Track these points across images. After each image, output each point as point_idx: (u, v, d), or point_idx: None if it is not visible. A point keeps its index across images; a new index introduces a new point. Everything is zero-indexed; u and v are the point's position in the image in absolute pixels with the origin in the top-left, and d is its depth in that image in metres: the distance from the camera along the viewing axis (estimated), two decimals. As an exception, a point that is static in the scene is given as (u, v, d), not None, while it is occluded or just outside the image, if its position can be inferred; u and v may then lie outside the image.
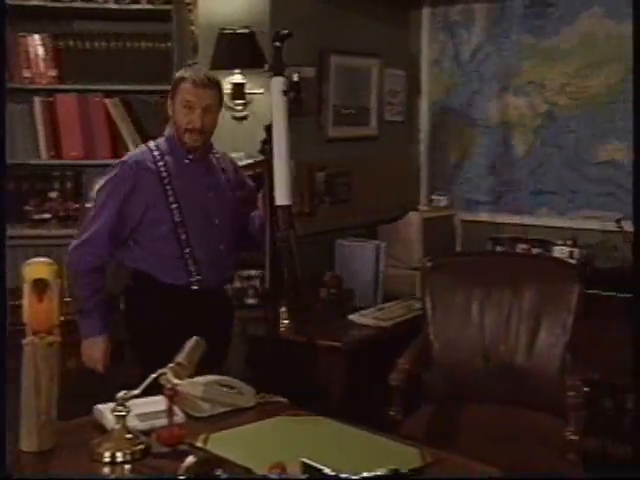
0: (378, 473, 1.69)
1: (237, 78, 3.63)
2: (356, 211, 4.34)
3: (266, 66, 3.43)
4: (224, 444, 1.94)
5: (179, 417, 2.03)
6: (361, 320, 3.57)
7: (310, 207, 3.99)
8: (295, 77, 2.36)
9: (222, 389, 2.22)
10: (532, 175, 4.39)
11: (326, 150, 4.09)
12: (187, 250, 2.70)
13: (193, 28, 3.53)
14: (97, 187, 2.79)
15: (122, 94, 3.65)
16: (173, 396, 1.94)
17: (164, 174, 2.70)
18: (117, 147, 3.63)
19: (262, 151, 2.43)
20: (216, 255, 2.77)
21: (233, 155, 3.67)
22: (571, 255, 3.95)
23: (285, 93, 2.31)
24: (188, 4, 3.51)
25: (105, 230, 2.68)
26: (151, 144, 2.79)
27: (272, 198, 2.38)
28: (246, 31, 3.48)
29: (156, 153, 2.74)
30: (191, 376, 2.09)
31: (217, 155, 2.89)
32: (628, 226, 3.88)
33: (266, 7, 3.69)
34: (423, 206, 4.68)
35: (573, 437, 2.64)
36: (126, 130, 3.64)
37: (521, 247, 4.20)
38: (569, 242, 4.03)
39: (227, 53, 3.42)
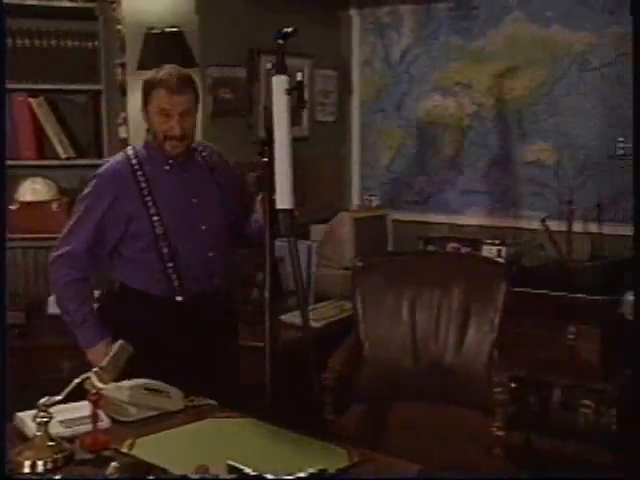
0: (302, 475, 1.68)
1: (165, 78, 3.58)
2: (288, 211, 4.32)
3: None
4: (150, 448, 1.92)
5: (104, 422, 1.99)
6: (292, 320, 3.57)
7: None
8: (299, 76, 2.26)
9: (149, 393, 2.19)
10: (461, 175, 4.45)
11: (256, 151, 4.06)
12: (170, 264, 2.59)
13: (120, 27, 3.48)
14: (78, 197, 2.65)
15: (47, 93, 3.57)
16: (98, 401, 1.91)
17: (143, 184, 2.58)
18: (42, 147, 3.56)
19: (262, 153, 2.29)
20: (205, 262, 2.64)
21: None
22: (499, 254, 4.02)
23: (288, 93, 2.19)
24: (112, 2, 3.45)
25: (82, 247, 2.56)
26: (129, 151, 2.66)
27: (272, 201, 2.23)
28: (174, 30, 3.44)
29: (134, 161, 2.61)
30: (117, 380, 2.06)
31: (203, 153, 2.75)
32: (553, 225, 3.99)
33: (194, 6, 3.66)
34: (355, 206, 4.71)
35: (499, 433, 2.69)
36: (52, 130, 3.57)
37: (451, 246, 4.26)
38: (497, 241, 4.10)
39: (155, 53, 3.37)
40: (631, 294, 2.73)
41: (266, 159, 2.25)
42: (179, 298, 2.61)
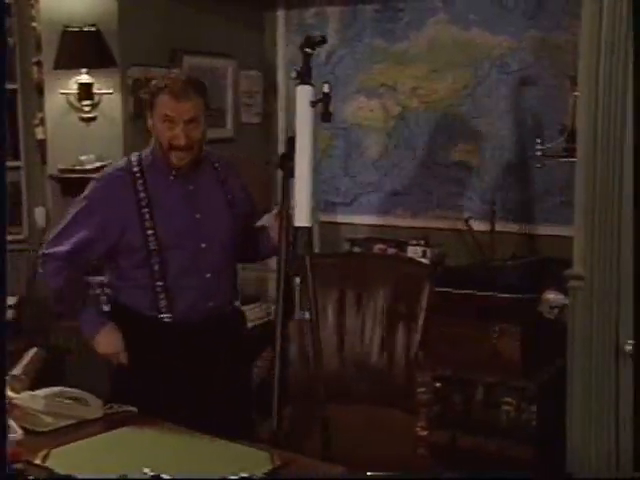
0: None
1: (84, 78, 3.52)
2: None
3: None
4: (66, 459, 1.88)
5: (16, 434, 1.93)
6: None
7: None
8: (326, 88, 2.13)
9: (66, 401, 2.14)
10: (387, 176, 4.47)
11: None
12: (159, 283, 2.43)
13: (35, 24, 3.39)
14: (76, 199, 2.51)
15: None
16: (9, 411, 1.85)
17: (142, 194, 2.41)
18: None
19: (281, 166, 2.19)
20: (200, 284, 2.47)
21: (82, 158, 3.57)
22: (424, 255, 4.05)
23: (313, 104, 2.11)
24: (29, -2, 3.37)
25: (71, 251, 2.42)
26: (133, 157, 2.49)
27: (289, 218, 2.15)
28: (92, 29, 3.37)
29: (136, 169, 2.45)
30: (30, 389, 2.00)
31: (215, 164, 2.57)
32: (477, 225, 4.04)
33: (113, 5, 3.59)
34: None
35: (423, 433, 2.70)
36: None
37: (378, 248, 4.27)
38: (422, 242, 4.13)
39: (72, 52, 3.31)
40: (550, 292, 2.79)
41: (284, 173, 2.15)
42: (167, 319, 2.45)
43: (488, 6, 4.07)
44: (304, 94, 2.10)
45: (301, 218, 2.10)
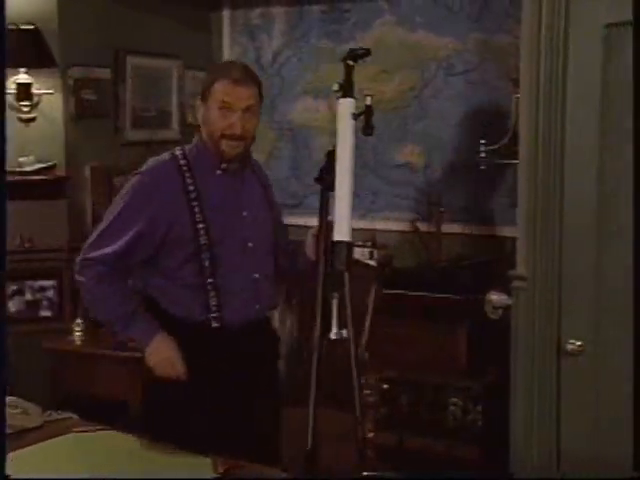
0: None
1: (23, 78, 3.45)
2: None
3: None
4: (7, 469, 1.82)
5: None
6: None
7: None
8: (368, 101, 2.08)
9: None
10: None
11: (125, 154, 3.96)
12: (210, 280, 2.28)
13: (-31, 22, 3.29)
14: (116, 197, 2.36)
15: None
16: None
17: (190, 187, 2.29)
18: None
19: (320, 180, 2.12)
20: (248, 285, 2.35)
21: (21, 160, 3.50)
22: (371, 256, 4.04)
23: (355, 117, 2.02)
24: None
25: (115, 254, 2.26)
26: (177, 152, 2.38)
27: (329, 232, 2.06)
28: (31, 27, 3.30)
29: (182, 162, 2.33)
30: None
31: (255, 167, 2.50)
32: (423, 227, 4.06)
33: (52, 3, 3.52)
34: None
35: (369, 435, 2.70)
36: None
37: (325, 249, 4.26)
38: (369, 243, 4.12)
39: (9, 51, 3.21)
40: (493, 293, 2.80)
41: (322, 187, 2.08)
42: (215, 324, 2.30)
43: (433, 8, 4.10)
44: (346, 107, 2.05)
45: (341, 232, 2.05)
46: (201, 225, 2.27)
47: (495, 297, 2.76)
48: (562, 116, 2.55)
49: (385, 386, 2.89)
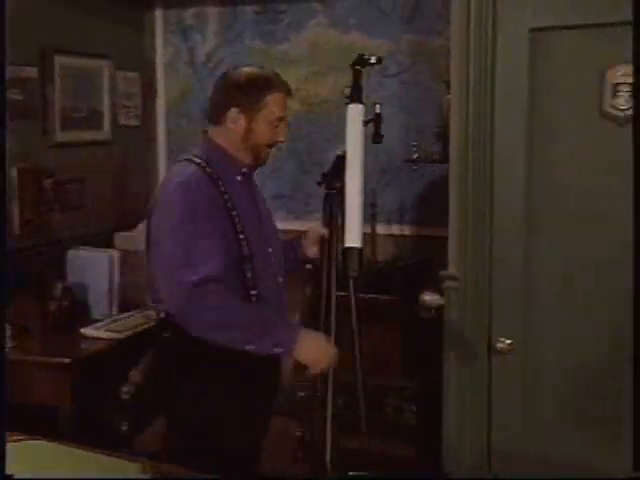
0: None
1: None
2: (90, 219, 4.15)
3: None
4: None
5: None
6: (93, 333, 3.42)
7: (37, 216, 3.75)
8: (377, 108, 2.04)
9: None
10: (269, 179, 4.43)
11: (54, 155, 3.87)
12: (253, 292, 2.20)
13: None
14: (174, 214, 2.17)
15: None
16: None
17: (226, 196, 2.19)
18: None
19: (328, 185, 2.11)
20: (276, 292, 2.31)
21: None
22: (307, 258, 4.04)
23: (365, 124, 2.02)
24: None
25: (221, 272, 2.14)
26: (197, 159, 2.25)
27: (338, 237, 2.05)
28: (-49, 25, 3.18)
29: (209, 170, 2.22)
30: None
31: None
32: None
33: (-24, 0, 3.41)
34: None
35: (299, 434, 2.69)
36: None
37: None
38: (305, 244, 4.11)
39: None
40: (426, 294, 2.82)
41: (328, 191, 2.08)
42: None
43: (367, 10, 4.11)
44: (355, 113, 2.06)
45: (352, 238, 2.04)
46: (242, 236, 2.21)
47: (428, 297, 2.78)
48: (491, 116, 2.58)
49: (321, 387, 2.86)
